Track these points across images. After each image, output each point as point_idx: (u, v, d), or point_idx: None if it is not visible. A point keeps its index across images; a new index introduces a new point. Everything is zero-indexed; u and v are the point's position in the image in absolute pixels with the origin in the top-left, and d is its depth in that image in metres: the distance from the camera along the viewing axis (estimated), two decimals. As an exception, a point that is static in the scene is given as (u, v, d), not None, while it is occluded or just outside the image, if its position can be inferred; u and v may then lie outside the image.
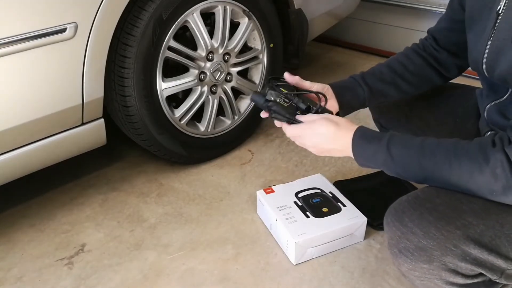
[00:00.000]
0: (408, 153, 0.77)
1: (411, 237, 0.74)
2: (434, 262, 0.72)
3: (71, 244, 1.21)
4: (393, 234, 0.77)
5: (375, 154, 0.80)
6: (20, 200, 1.39)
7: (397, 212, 0.78)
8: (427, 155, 0.75)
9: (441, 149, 0.75)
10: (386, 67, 1.07)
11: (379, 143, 0.80)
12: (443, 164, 0.74)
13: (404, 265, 0.76)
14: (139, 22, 1.20)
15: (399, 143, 0.79)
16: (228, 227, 1.27)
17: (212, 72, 1.42)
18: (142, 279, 1.10)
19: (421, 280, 0.77)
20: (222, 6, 1.37)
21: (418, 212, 0.75)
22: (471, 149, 0.72)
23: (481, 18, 0.85)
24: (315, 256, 1.14)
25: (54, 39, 1.03)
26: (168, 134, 1.39)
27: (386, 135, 0.80)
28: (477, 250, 0.71)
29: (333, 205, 1.21)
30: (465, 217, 0.73)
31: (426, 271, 0.74)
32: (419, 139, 0.78)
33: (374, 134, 0.83)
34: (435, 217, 0.73)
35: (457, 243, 0.71)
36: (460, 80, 1.14)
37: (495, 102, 0.89)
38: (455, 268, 0.73)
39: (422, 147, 0.76)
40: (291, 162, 1.56)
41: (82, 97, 1.15)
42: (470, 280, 0.74)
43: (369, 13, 2.52)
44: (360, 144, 0.82)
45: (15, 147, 1.10)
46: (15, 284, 1.09)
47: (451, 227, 0.72)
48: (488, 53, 0.81)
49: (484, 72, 0.84)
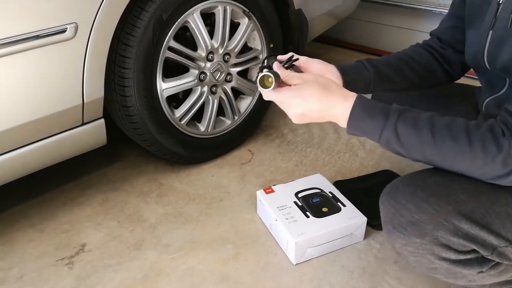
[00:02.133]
0: (417, 136, 0.73)
1: (404, 212, 0.75)
2: (426, 236, 0.74)
3: (71, 244, 1.22)
4: (387, 211, 0.79)
5: (376, 129, 0.75)
6: (20, 200, 1.39)
7: (391, 190, 0.80)
8: (437, 141, 0.72)
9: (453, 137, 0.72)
10: (392, 56, 1.06)
11: (385, 119, 0.74)
12: (455, 153, 0.72)
13: (398, 240, 0.77)
14: (139, 23, 1.21)
15: (407, 124, 0.74)
16: (228, 227, 1.27)
17: (212, 72, 1.42)
18: (142, 279, 1.10)
19: (414, 256, 0.78)
20: (222, 6, 1.37)
21: (410, 189, 0.77)
22: (486, 139, 0.70)
23: (480, 13, 0.85)
24: (315, 256, 1.14)
25: (54, 40, 1.03)
26: (168, 134, 1.39)
27: (393, 112, 0.75)
28: (468, 225, 0.72)
29: (333, 205, 1.21)
30: (457, 194, 0.74)
31: (419, 246, 0.75)
32: (429, 120, 0.74)
33: (377, 107, 0.77)
34: (428, 193, 0.75)
35: (449, 217, 0.72)
36: (460, 80, 1.15)
37: (492, 97, 0.90)
38: (447, 243, 0.74)
39: (432, 131, 0.72)
40: (291, 162, 1.56)
41: (82, 97, 1.16)
42: (463, 256, 0.75)
43: (369, 14, 2.53)
44: (361, 117, 0.76)
45: (15, 147, 1.10)
46: (15, 283, 1.09)
47: (443, 202, 0.73)
48: (489, 43, 0.81)
49: (485, 65, 0.84)
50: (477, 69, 0.93)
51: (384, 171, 1.46)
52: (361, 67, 1.00)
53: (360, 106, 0.76)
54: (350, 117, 0.77)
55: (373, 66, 1.00)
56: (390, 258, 1.14)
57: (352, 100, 0.77)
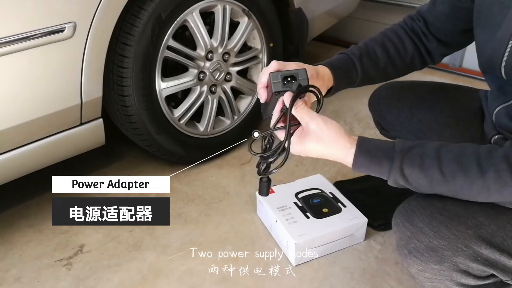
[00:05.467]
0: (426, 177, 0.70)
1: (421, 237, 0.72)
2: (445, 262, 0.71)
3: (70, 244, 1.21)
4: (402, 234, 0.75)
5: (383, 174, 0.73)
6: (18, 201, 1.38)
7: (406, 212, 0.76)
8: (448, 179, 0.68)
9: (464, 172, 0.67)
10: (381, 48, 0.98)
11: (390, 164, 0.71)
12: (468, 188, 0.68)
13: (414, 266, 0.74)
14: (138, 22, 1.20)
15: (414, 165, 0.70)
16: (227, 227, 1.26)
17: (211, 71, 1.41)
18: (141, 280, 1.09)
19: (431, 282, 0.75)
20: (222, 5, 1.36)
21: (428, 212, 0.73)
22: (500, 170, 0.66)
23: (491, 12, 0.81)
24: (315, 257, 1.14)
25: (52, 39, 1.02)
26: (167, 134, 1.38)
27: (397, 154, 0.71)
28: (489, 250, 0.69)
29: (334, 206, 1.20)
30: (477, 217, 0.71)
31: (437, 272, 0.73)
32: (435, 155, 0.70)
33: (380, 152, 0.73)
34: (446, 216, 0.71)
35: (469, 243, 0.70)
36: (460, 80, 1.14)
37: (504, 105, 0.86)
38: (466, 269, 0.71)
39: (441, 168, 0.68)
40: (291, 162, 1.55)
41: (80, 97, 1.15)
42: (482, 281, 0.73)
43: (369, 13, 2.52)
44: (365, 165, 0.74)
45: (13, 147, 1.09)
46: (13, 284, 1.09)
47: (462, 226, 0.70)
48: (509, 54, 0.76)
49: (501, 73, 0.80)
50: (488, 73, 0.89)
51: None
52: (350, 68, 0.94)
53: (362, 156, 0.73)
54: (354, 165, 0.74)
55: (362, 69, 0.95)
56: (390, 259, 1.13)
57: (354, 147, 0.74)
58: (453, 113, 1.07)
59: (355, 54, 0.95)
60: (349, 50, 0.97)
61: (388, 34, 1.01)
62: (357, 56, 0.95)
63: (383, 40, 0.99)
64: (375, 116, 1.22)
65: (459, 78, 2.15)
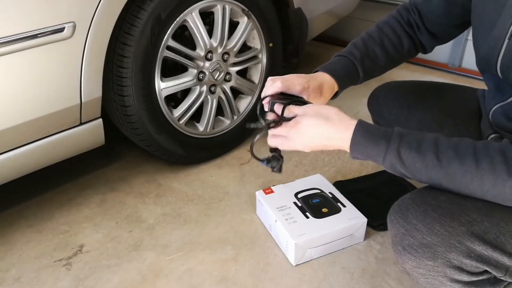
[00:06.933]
0: (422, 160, 0.71)
1: (415, 233, 0.73)
2: (438, 258, 0.72)
3: (69, 244, 1.21)
4: (397, 231, 0.76)
5: (379, 155, 0.74)
6: (18, 201, 1.38)
7: (401, 209, 0.77)
8: (443, 164, 0.70)
9: (459, 159, 0.69)
10: (380, 47, 1.00)
11: (387, 144, 0.73)
12: (462, 175, 0.69)
13: (409, 262, 0.75)
14: (137, 22, 1.20)
15: (411, 147, 0.72)
16: (227, 227, 1.26)
17: (211, 71, 1.41)
18: (141, 280, 1.09)
19: (425, 278, 0.76)
20: (221, 5, 1.36)
21: (422, 209, 0.74)
22: (495, 162, 0.67)
23: (486, 11, 0.82)
24: (315, 257, 1.14)
25: (52, 39, 1.02)
26: (167, 134, 1.38)
27: (395, 136, 0.74)
28: (482, 246, 0.70)
29: (333, 206, 1.20)
30: (470, 214, 0.72)
31: (431, 268, 0.73)
32: (433, 142, 0.72)
33: (378, 133, 0.75)
34: (439, 213, 0.72)
35: (462, 239, 0.70)
36: (460, 80, 1.14)
37: (501, 104, 0.86)
38: (459, 265, 0.72)
39: (437, 154, 0.70)
40: (291, 162, 1.55)
41: (80, 97, 1.15)
42: (475, 277, 0.74)
43: (368, 13, 2.52)
44: (363, 144, 0.75)
45: (13, 147, 1.09)
46: (13, 284, 1.09)
47: (456, 223, 0.71)
48: (505, 53, 0.77)
49: (497, 72, 0.81)
50: (485, 72, 0.90)
51: (384, 172, 1.45)
52: (353, 73, 0.97)
53: (361, 133, 0.76)
54: (352, 144, 0.76)
55: (364, 72, 0.98)
56: (390, 259, 1.13)
57: (353, 127, 0.76)
58: (452, 112, 1.08)
59: (356, 57, 0.98)
60: (349, 52, 1.00)
61: (385, 30, 1.03)
62: (358, 59, 0.98)
63: (381, 38, 1.01)
64: (374, 115, 1.22)
65: (459, 78, 2.16)
